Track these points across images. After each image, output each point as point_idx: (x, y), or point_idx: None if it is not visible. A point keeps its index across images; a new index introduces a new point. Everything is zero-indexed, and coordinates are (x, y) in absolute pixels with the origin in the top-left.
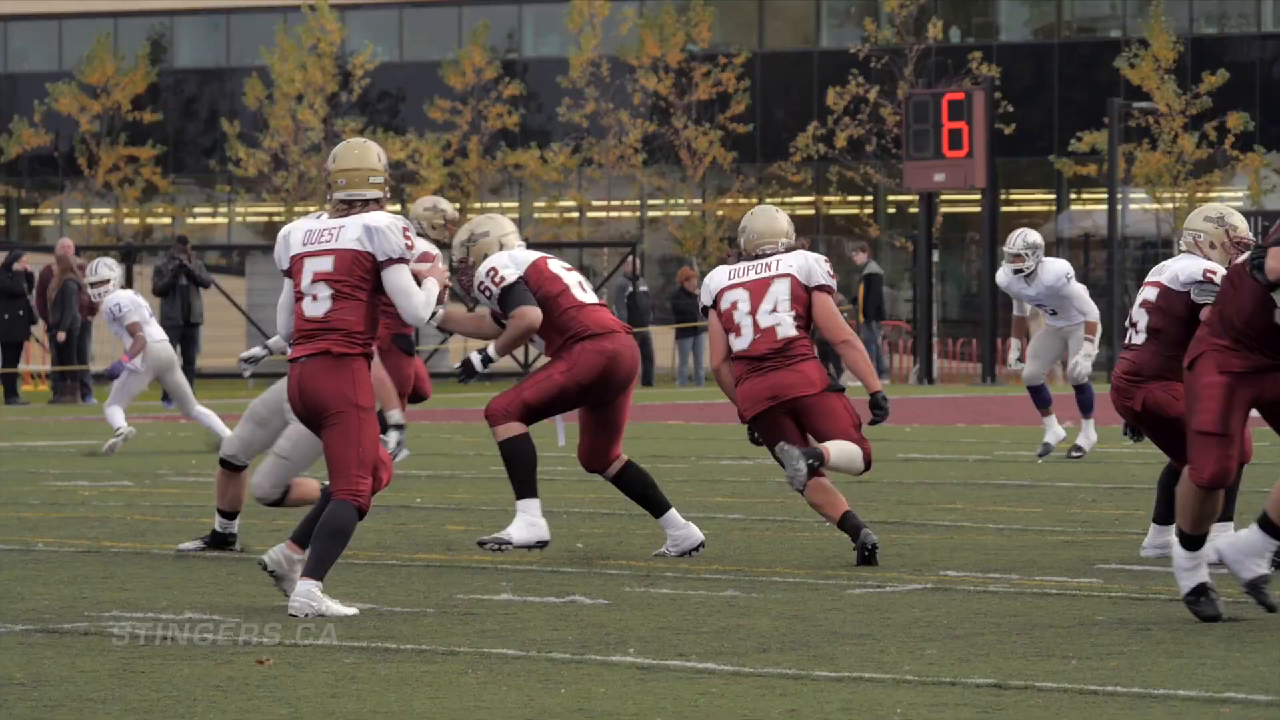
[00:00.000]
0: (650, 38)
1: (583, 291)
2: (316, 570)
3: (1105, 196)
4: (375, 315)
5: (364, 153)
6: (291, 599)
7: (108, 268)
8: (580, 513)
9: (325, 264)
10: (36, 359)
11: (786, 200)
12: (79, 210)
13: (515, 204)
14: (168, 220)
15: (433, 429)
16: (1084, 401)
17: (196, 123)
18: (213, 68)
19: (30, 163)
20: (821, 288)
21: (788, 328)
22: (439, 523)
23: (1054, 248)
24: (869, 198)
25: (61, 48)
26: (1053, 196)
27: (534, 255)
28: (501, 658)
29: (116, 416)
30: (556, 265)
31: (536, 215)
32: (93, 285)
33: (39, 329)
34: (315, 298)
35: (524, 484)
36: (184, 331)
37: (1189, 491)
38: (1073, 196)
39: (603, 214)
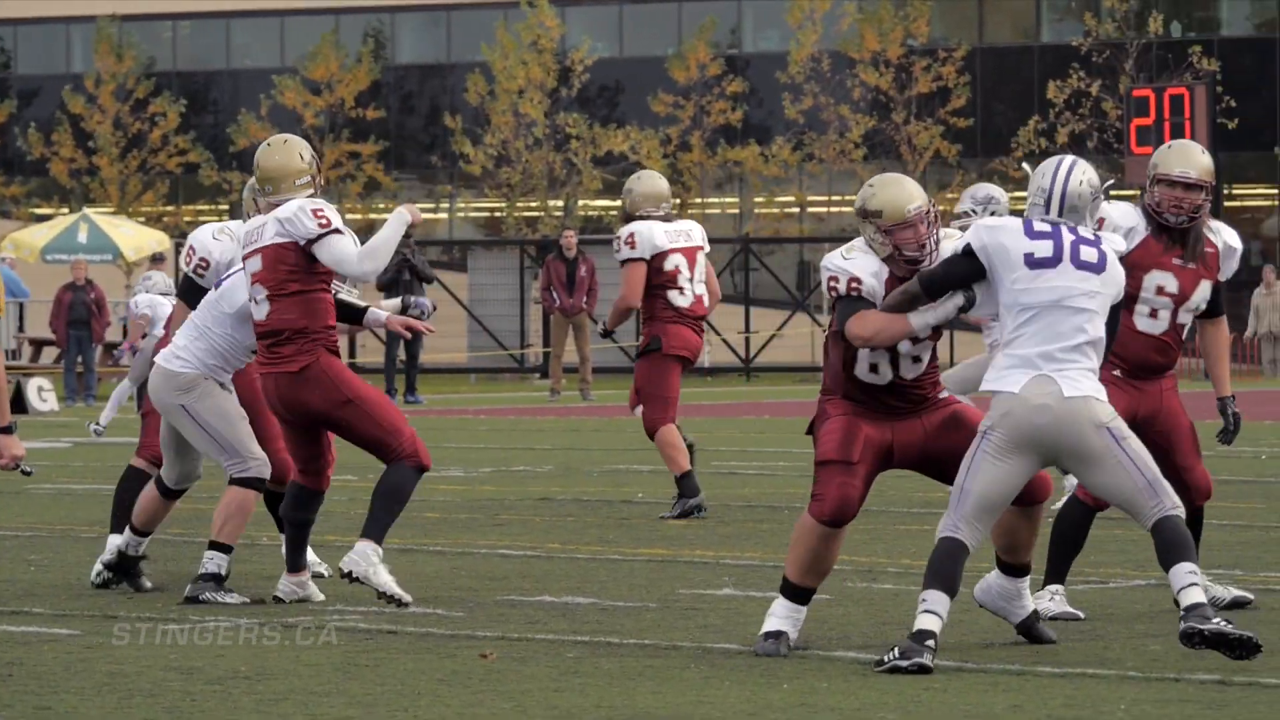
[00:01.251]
0: (870, 32)
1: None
2: (374, 530)
3: None
4: (318, 307)
5: (286, 156)
6: (348, 555)
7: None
8: (802, 508)
9: (255, 264)
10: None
11: (1011, 195)
12: None
13: (735, 199)
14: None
15: None
16: None
17: (417, 118)
18: (433, 64)
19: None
20: None
21: None
22: (660, 517)
23: (1277, 243)
24: None
25: (284, 44)
26: (1275, 191)
27: None
28: (724, 653)
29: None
30: None
31: (757, 210)
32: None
33: None
34: (255, 301)
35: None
36: None
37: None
38: None
39: (824, 209)
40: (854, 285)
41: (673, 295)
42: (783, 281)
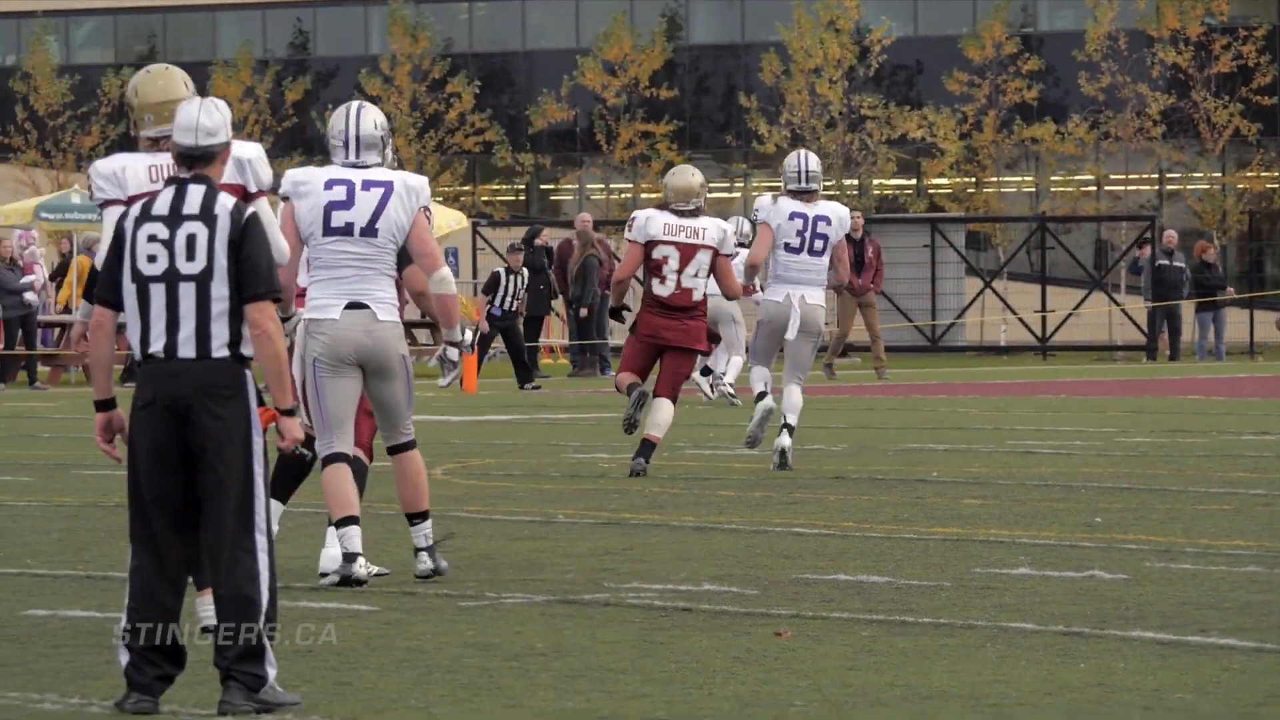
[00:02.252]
0: (1169, 10)
1: None
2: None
3: None
4: None
5: (169, 84)
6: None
7: None
8: (1098, 487)
9: None
10: (556, 333)
11: None
12: (598, 185)
13: (1031, 177)
14: None
15: (949, 403)
16: None
17: (712, 98)
18: (727, 44)
19: (550, 138)
20: None
21: None
22: (955, 496)
23: None
24: None
25: (579, 25)
26: None
27: None
28: (1020, 632)
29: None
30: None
31: (1053, 189)
32: None
33: (559, 303)
34: None
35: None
36: None
37: None
38: None
39: (1120, 188)
40: None
41: (654, 284)
42: (1079, 260)
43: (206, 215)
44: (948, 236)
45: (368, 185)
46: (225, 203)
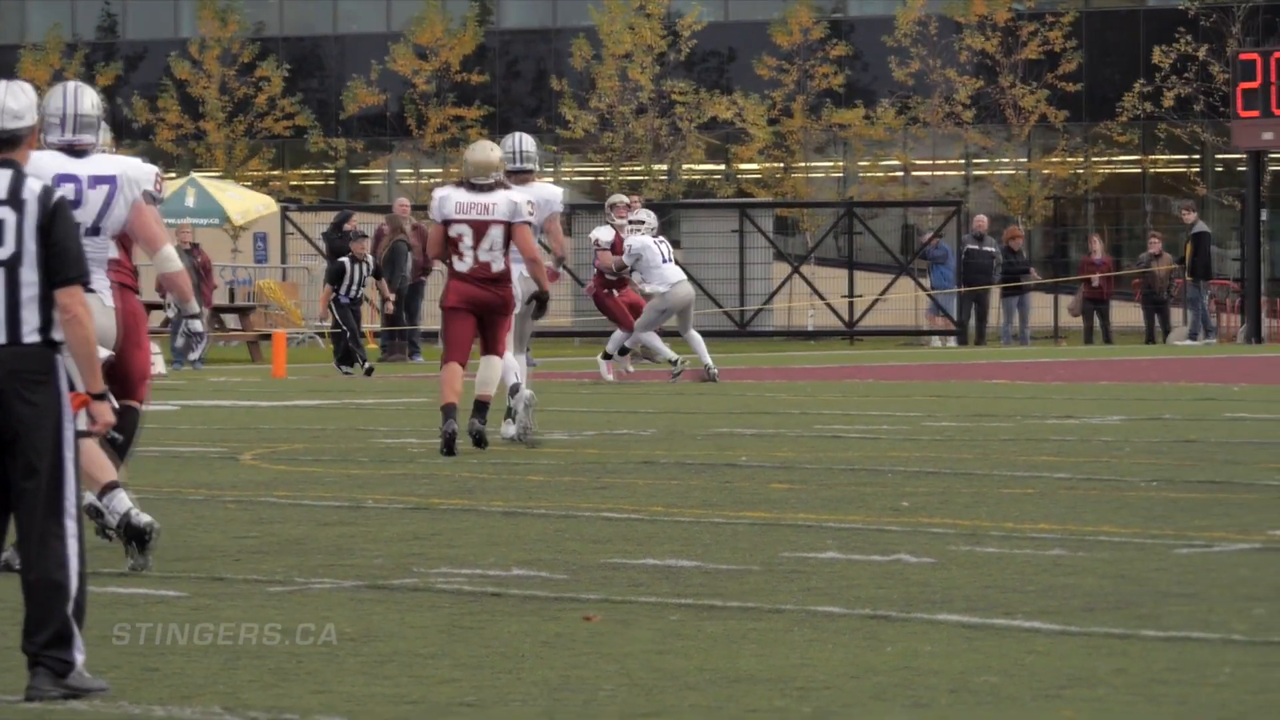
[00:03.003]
0: None
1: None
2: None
3: None
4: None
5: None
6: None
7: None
8: (905, 471)
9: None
10: (365, 317)
11: (1112, 159)
12: (408, 170)
13: (840, 163)
14: None
15: (757, 388)
16: None
17: (523, 83)
18: (538, 28)
19: (361, 122)
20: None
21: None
22: (764, 481)
23: None
24: (1196, 156)
25: (390, 10)
26: None
27: None
28: (827, 616)
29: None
30: None
31: (861, 174)
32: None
33: (369, 288)
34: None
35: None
36: None
37: None
38: None
39: (928, 173)
40: None
41: (455, 260)
42: (886, 245)
43: (14, 200)
44: (756, 222)
45: (95, 182)
46: (33, 187)
